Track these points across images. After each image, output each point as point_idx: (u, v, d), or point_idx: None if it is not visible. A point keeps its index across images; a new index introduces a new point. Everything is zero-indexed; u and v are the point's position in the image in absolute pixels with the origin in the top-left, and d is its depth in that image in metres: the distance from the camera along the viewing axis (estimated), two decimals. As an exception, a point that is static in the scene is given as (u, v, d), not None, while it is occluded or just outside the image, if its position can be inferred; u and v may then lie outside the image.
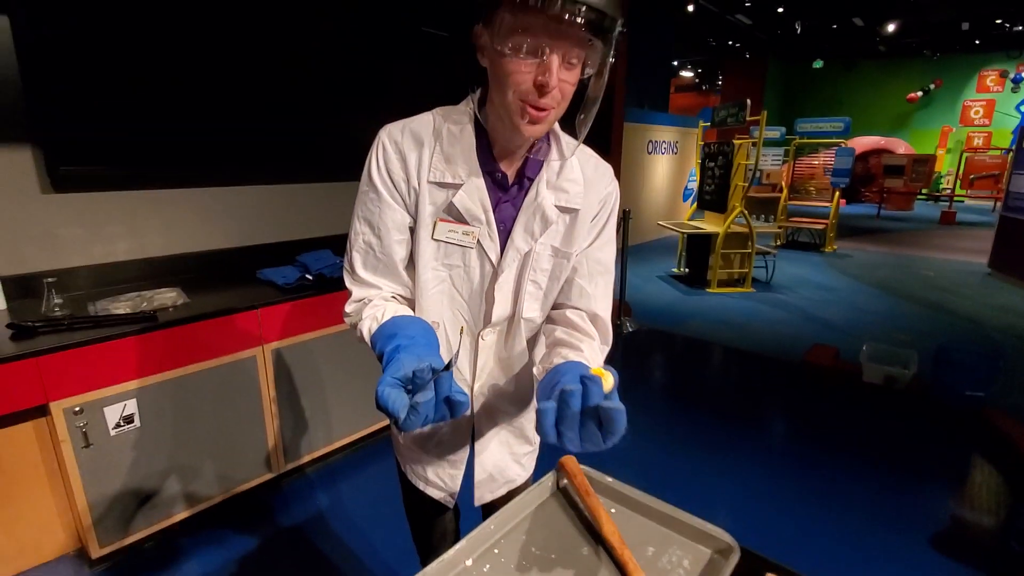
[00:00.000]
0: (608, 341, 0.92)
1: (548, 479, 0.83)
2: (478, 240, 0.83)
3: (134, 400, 1.69)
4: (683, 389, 3.36)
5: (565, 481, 0.83)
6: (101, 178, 1.99)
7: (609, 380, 0.67)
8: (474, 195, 0.81)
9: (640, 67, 9.54)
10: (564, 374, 0.72)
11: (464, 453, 0.99)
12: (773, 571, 0.67)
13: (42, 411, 1.64)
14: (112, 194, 2.03)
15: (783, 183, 8.59)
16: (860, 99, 15.95)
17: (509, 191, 0.85)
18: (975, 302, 5.29)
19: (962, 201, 13.24)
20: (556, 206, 0.85)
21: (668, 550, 0.71)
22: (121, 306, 1.81)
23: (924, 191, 12.42)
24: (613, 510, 0.78)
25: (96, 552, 1.72)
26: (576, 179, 0.86)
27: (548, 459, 0.96)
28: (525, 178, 0.84)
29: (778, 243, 8.40)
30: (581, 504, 0.78)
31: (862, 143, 13.54)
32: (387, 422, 2.46)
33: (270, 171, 2.50)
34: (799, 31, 11.75)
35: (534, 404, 0.99)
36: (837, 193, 7.89)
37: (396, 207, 0.83)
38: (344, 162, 2.69)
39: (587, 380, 0.64)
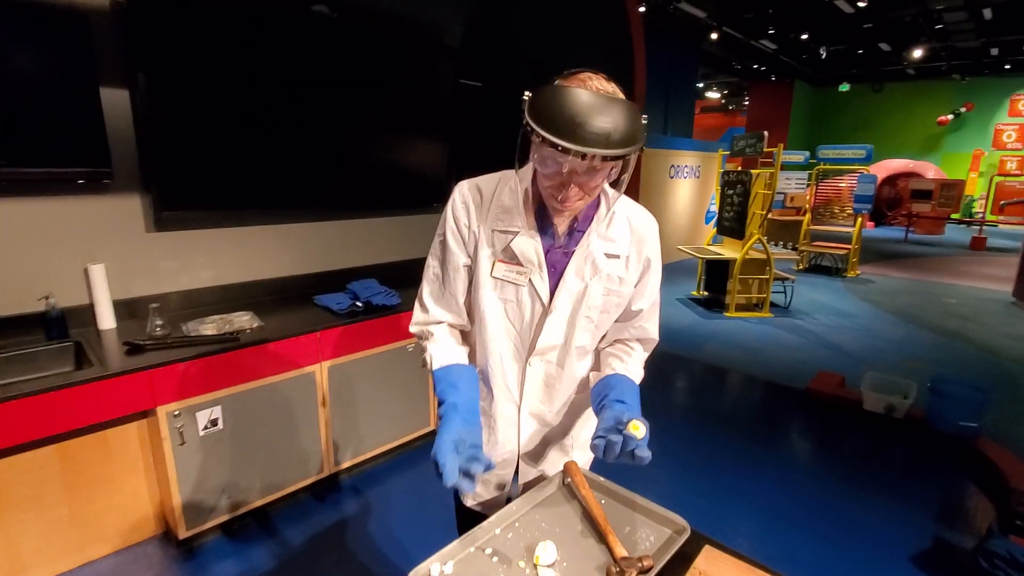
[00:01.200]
0: (651, 343, 1.16)
1: (556, 477, 1.12)
2: (530, 279, 1.02)
3: (219, 407, 2.04)
4: (690, 412, 3.58)
5: (569, 479, 1.12)
6: (192, 220, 2.39)
7: (641, 431, 0.92)
8: (529, 242, 1.00)
9: (664, 94, 9.85)
10: (611, 395, 0.99)
11: (511, 471, 1.18)
12: (711, 544, 0.94)
13: (145, 414, 2.01)
14: (200, 232, 2.42)
15: (807, 206, 8.72)
16: (889, 122, 15.87)
17: (560, 239, 1.02)
18: (994, 331, 5.35)
19: (995, 226, 13.02)
20: (605, 253, 1.03)
21: (640, 529, 0.99)
22: (208, 327, 2.17)
23: (954, 215, 12.28)
24: (603, 500, 1.06)
25: (183, 534, 2.05)
26: (623, 229, 1.04)
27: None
28: (576, 230, 1.02)
29: (799, 267, 8.50)
30: (579, 495, 1.06)
31: (890, 166, 13.49)
32: (423, 431, 2.77)
33: (324, 210, 2.87)
34: (824, 56, 11.90)
35: (583, 427, 1.21)
36: (860, 218, 7.97)
37: (457, 251, 1.05)
38: (385, 200, 3.05)
39: (626, 436, 0.90)
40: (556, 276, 1.03)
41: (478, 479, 0.89)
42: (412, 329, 1.14)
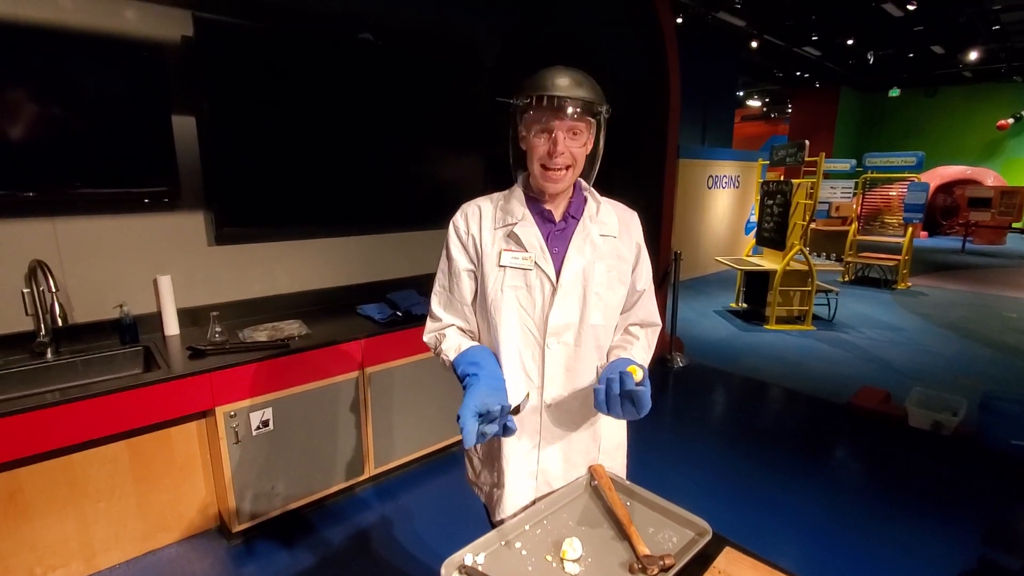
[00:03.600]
0: (655, 328, 1.26)
1: (583, 479, 1.18)
2: (535, 262, 1.12)
3: (270, 408, 2.19)
4: (726, 425, 3.54)
5: (595, 482, 1.17)
6: (249, 235, 2.58)
7: (638, 374, 1.01)
8: (529, 227, 1.13)
9: (702, 104, 9.76)
10: (610, 368, 1.06)
11: (533, 459, 1.20)
12: (731, 546, 0.98)
13: (204, 414, 2.17)
14: (255, 246, 2.61)
15: (853, 216, 8.44)
16: (943, 127, 15.16)
17: (557, 225, 1.15)
18: (1057, 348, 5.05)
19: (1064, 235, 12.24)
20: (600, 234, 1.16)
21: (663, 531, 1.04)
22: (261, 334, 2.33)
23: (1016, 224, 11.61)
24: (628, 503, 1.12)
25: (236, 527, 2.20)
26: (610, 215, 1.19)
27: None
28: (570, 216, 1.16)
29: (845, 279, 8.22)
30: (605, 497, 1.12)
31: (945, 173, 12.88)
32: (458, 438, 2.87)
33: (367, 224, 3.03)
34: (872, 61, 11.52)
35: (601, 426, 1.25)
36: (911, 228, 7.66)
37: (458, 257, 1.17)
38: (424, 214, 3.18)
39: (623, 374, 1.00)
40: (560, 260, 1.14)
41: (495, 431, 0.98)
42: (425, 338, 1.23)
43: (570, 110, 1.03)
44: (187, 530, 2.27)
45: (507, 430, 0.99)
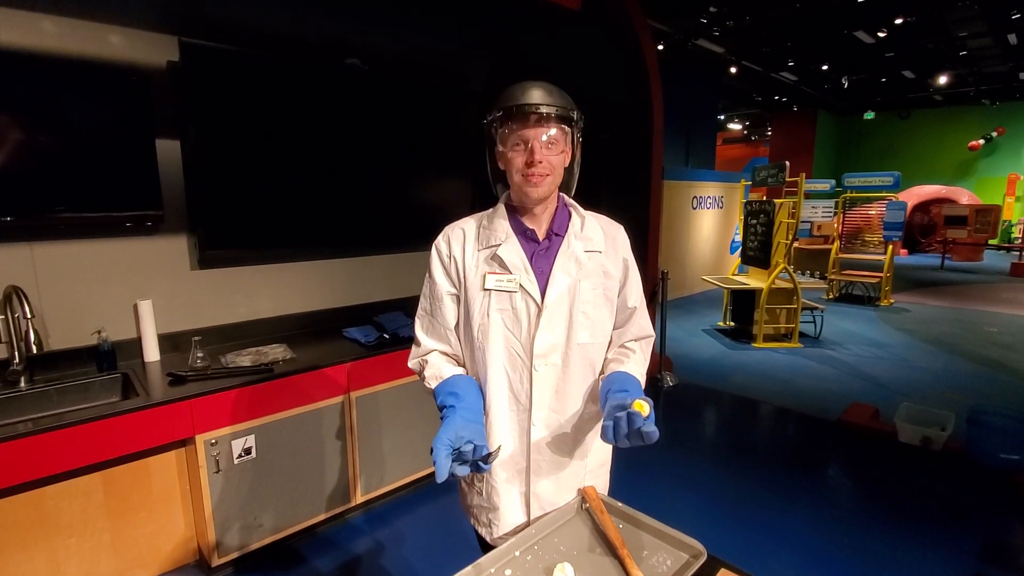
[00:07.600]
0: (649, 340, 1.25)
1: (574, 502, 1.15)
2: (520, 284, 1.10)
3: (252, 435, 2.13)
4: (717, 445, 3.52)
5: (587, 504, 1.15)
6: (232, 258, 2.55)
7: (646, 409, 0.99)
8: (513, 249, 1.12)
9: (684, 128, 9.98)
10: (614, 387, 1.05)
11: (523, 481, 1.19)
12: (727, 568, 0.96)
13: (184, 443, 2.10)
14: (238, 269, 2.58)
15: (835, 235, 8.59)
16: (917, 148, 15.64)
17: (541, 244, 1.14)
18: (1039, 361, 5.12)
19: (1038, 251, 12.55)
20: (585, 250, 1.14)
21: (657, 553, 1.01)
22: (245, 359, 2.28)
23: (992, 241, 11.90)
24: (620, 525, 1.09)
25: (215, 561, 2.11)
26: (596, 230, 1.18)
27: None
28: (554, 234, 1.14)
29: (829, 297, 8.32)
30: (597, 520, 1.09)
31: (921, 192, 13.24)
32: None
33: (353, 247, 3.01)
34: (847, 85, 11.90)
35: (590, 445, 1.23)
36: (892, 246, 7.81)
37: (441, 280, 1.16)
38: (410, 236, 3.16)
39: (631, 414, 0.97)
40: (545, 279, 1.12)
41: (465, 472, 0.97)
42: (410, 364, 1.22)
43: (543, 112, 1.04)
44: (164, 565, 2.17)
45: (479, 468, 0.98)
